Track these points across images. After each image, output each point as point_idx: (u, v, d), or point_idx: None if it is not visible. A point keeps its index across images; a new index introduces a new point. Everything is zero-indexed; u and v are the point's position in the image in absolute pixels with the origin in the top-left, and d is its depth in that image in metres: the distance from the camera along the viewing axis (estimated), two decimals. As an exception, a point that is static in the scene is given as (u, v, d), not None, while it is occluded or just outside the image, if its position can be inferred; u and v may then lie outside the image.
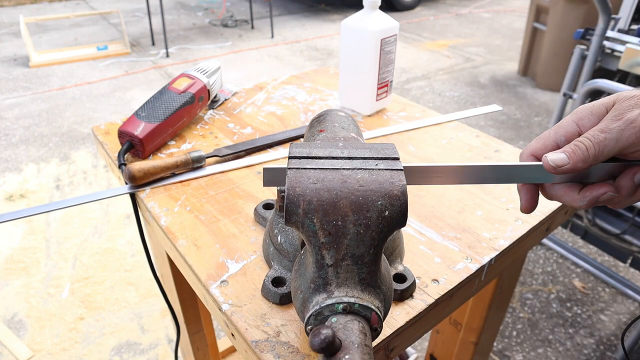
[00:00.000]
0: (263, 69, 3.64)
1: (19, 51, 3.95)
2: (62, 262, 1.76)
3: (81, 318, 1.53)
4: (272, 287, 0.47)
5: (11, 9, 5.40)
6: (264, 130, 0.82)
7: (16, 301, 1.59)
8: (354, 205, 0.35)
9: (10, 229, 1.92)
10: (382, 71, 0.83)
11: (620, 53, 1.46)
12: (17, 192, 2.16)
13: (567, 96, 1.64)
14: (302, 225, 0.35)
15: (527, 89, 3.34)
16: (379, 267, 0.37)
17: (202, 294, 0.52)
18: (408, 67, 3.74)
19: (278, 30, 4.61)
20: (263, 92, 0.96)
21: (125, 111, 2.94)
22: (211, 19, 4.96)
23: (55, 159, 2.44)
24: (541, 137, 0.41)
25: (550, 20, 3.09)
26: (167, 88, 0.77)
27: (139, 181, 0.64)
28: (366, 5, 0.79)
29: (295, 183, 0.36)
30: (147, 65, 3.67)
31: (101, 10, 4.71)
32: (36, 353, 1.41)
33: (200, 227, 0.58)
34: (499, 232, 0.58)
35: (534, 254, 1.84)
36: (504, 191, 0.66)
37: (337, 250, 0.35)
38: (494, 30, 4.72)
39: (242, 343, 0.45)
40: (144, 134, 0.70)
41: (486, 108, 0.91)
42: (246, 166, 0.71)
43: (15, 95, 3.16)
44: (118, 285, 1.66)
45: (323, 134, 0.49)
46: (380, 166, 0.38)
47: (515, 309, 1.60)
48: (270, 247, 0.51)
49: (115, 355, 1.41)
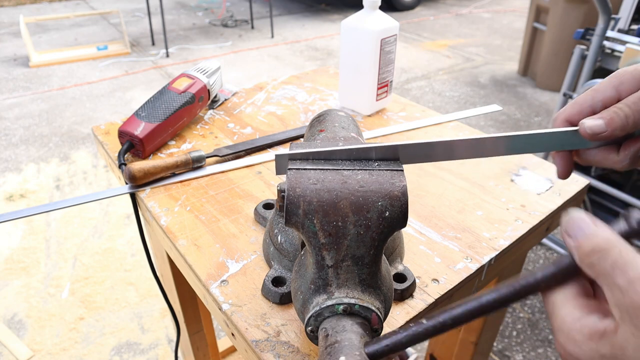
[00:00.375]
0: (263, 69, 3.64)
1: (19, 51, 3.96)
2: (62, 262, 1.76)
3: (81, 318, 1.53)
4: (272, 287, 0.47)
5: (11, 9, 5.40)
6: (264, 130, 0.82)
7: (16, 301, 1.59)
8: (355, 206, 0.35)
9: (10, 229, 1.92)
10: (382, 71, 0.83)
11: (620, 53, 1.46)
12: (17, 192, 2.16)
13: (567, 96, 1.64)
14: (302, 226, 0.35)
15: (527, 89, 3.34)
16: (379, 268, 0.37)
17: (202, 294, 0.52)
18: (408, 67, 3.74)
19: (278, 30, 4.61)
20: (263, 92, 0.96)
21: (125, 111, 2.95)
22: (211, 19, 4.96)
23: (55, 159, 2.44)
24: (577, 101, 0.39)
25: (550, 20, 3.09)
26: (167, 88, 0.77)
27: (139, 181, 0.64)
28: (366, 5, 0.79)
29: (295, 183, 0.36)
30: (147, 65, 3.67)
31: (101, 10, 4.71)
32: (36, 353, 1.41)
33: (200, 227, 0.58)
34: (499, 232, 0.58)
35: (534, 254, 1.84)
36: (504, 191, 0.66)
37: (337, 251, 0.35)
38: (494, 30, 4.72)
39: (242, 343, 0.45)
40: (144, 134, 0.70)
41: (486, 108, 0.91)
42: (246, 166, 0.71)
43: (15, 95, 3.16)
44: (118, 285, 1.66)
45: (323, 134, 0.49)
46: (380, 166, 0.38)
47: (515, 309, 1.60)
48: (271, 246, 0.51)
49: (115, 355, 1.41)
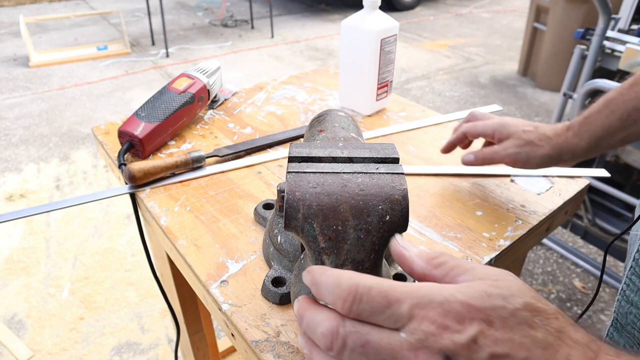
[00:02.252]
0: (263, 69, 3.64)
1: (19, 51, 3.95)
2: (62, 262, 1.76)
3: (81, 318, 1.53)
4: (272, 287, 0.47)
5: (11, 9, 5.40)
6: (264, 130, 0.82)
7: (16, 301, 1.59)
8: (355, 210, 0.34)
9: (10, 229, 1.92)
10: (382, 71, 0.83)
11: (620, 53, 1.46)
12: (17, 192, 2.16)
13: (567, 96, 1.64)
14: (301, 230, 0.35)
15: (527, 89, 3.34)
16: (379, 273, 0.36)
17: (202, 294, 0.52)
18: (408, 67, 3.74)
19: (278, 30, 4.61)
20: (263, 92, 0.96)
21: (125, 111, 2.94)
22: (211, 19, 4.96)
23: (55, 159, 2.44)
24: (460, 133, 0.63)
25: (550, 20, 3.09)
26: (167, 88, 0.77)
27: (139, 181, 0.64)
28: (366, 5, 0.79)
29: (294, 187, 0.35)
30: (147, 65, 3.67)
31: (101, 10, 4.71)
32: (36, 353, 1.41)
33: (200, 227, 0.58)
34: (499, 232, 0.58)
35: (534, 254, 1.84)
36: (504, 191, 0.66)
37: (337, 256, 0.35)
38: (494, 30, 4.71)
39: (242, 343, 0.45)
40: (144, 134, 0.70)
41: (486, 108, 0.91)
42: (246, 166, 0.71)
43: (15, 95, 3.16)
44: (118, 285, 1.66)
45: (323, 134, 0.49)
46: (381, 170, 0.37)
47: (515, 309, 1.60)
48: (270, 247, 0.51)
49: (115, 355, 1.41)
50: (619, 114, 0.47)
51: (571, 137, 0.50)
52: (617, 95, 0.48)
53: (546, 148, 0.52)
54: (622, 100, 0.47)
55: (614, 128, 0.47)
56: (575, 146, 0.49)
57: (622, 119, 0.47)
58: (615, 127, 0.47)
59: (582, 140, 0.49)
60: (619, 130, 0.47)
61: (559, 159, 0.51)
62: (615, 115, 0.47)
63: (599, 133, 0.48)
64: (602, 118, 0.48)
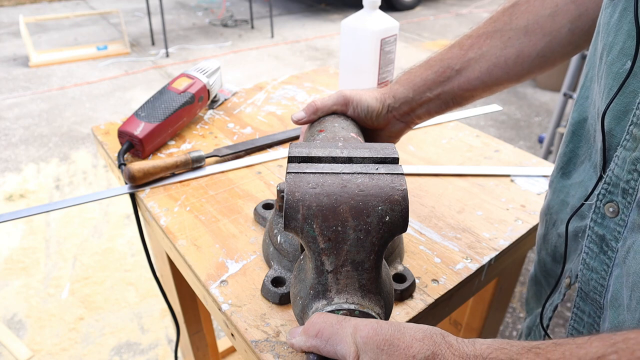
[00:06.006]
0: (263, 69, 3.63)
1: (19, 51, 3.95)
2: (62, 262, 1.76)
3: (81, 318, 1.53)
4: (271, 287, 0.47)
5: (11, 8, 5.40)
6: (263, 130, 0.81)
7: (16, 301, 1.59)
8: (354, 211, 0.34)
9: (10, 229, 1.92)
10: (382, 71, 0.83)
11: (620, 53, 1.46)
12: (17, 192, 2.16)
13: (567, 96, 1.64)
14: (301, 230, 0.35)
15: (527, 89, 3.33)
16: (379, 273, 0.36)
17: (202, 294, 0.52)
18: (408, 67, 3.73)
19: (278, 30, 4.61)
20: (263, 92, 0.96)
21: (125, 111, 2.94)
22: (211, 19, 4.96)
23: (55, 159, 2.44)
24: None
25: (550, 20, 3.08)
26: (167, 88, 0.77)
27: (138, 181, 0.64)
28: (366, 5, 0.79)
29: (294, 188, 0.35)
30: (147, 65, 3.67)
31: (101, 10, 4.71)
32: (36, 353, 1.41)
33: (200, 227, 0.58)
34: (499, 232, 0.58)
35: (534, 254, 1.83)
36: (504, 191, 0.66)
37: (337, 257, 0.35)
38: (494, 30, 4.71)
39: (242, 343, 0.45)
40: (144, 134, 0.70)
41: (486, 108, 0.91)
42: (246, 166, 0.71)
43: (15, 95, 3.16)
44: (118, 285, 1.66)
45: (323, 134, 0.49)
46: (380, 170, 0.37)
47: (515, 309, 1.60)
48: (270, 247, 0.51)
49: (115, 355, 1.41)
50: (435, 69, 0.54)
51: (395, 86, 0.56)
52: (437, 54, 0.55)
53: (374, 92, 0.56)
54: (440, 58, 0.54)
55: (429, 81, 0.54)
56: (396, 91, 0.55)
57: (437, 74, 0.54)
58: (431, 81, 0.54)
59: (404, 87, 0.55)
60: (435, 85, 0.54)
61: (384, 101, 0.55)
62: (432, 69, 0.54)
63: (418, 84, 0.55)
64: (422, 71, 0.55)
